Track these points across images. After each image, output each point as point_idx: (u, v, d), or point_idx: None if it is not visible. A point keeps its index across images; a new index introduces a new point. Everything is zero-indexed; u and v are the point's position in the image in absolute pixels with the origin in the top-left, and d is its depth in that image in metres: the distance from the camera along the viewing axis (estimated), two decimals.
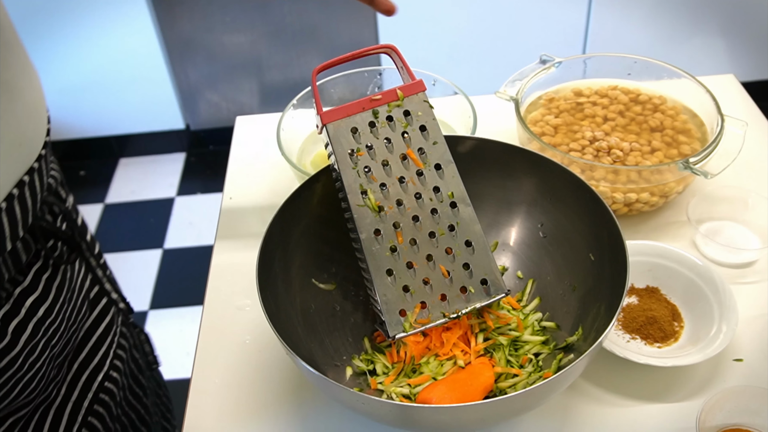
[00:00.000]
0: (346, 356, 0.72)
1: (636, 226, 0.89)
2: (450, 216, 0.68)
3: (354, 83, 1.01)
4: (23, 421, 0.67)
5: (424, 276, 0.68)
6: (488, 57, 2.32)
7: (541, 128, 0.94)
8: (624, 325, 0.77)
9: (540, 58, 1.00)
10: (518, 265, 0.78)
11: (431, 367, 0.68)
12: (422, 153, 0.69)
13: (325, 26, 2.31)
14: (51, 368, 0.68)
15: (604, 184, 0.85)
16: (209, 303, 0.84)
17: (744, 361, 0.73)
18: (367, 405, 0.58)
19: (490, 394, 0.66)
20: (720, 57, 2.35)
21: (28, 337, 0.61)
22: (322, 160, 0.94)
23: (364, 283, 0.71)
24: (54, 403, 0.71)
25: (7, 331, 0.59)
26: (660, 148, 0.90)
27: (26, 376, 0.63)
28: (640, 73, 1.00)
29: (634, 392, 0.71)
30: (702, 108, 0.94)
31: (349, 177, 0.67)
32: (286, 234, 0.70)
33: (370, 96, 0.68)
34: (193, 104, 2.50)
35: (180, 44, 2.32)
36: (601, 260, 0.69)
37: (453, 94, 0.96)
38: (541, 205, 0.76)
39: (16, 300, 0.60)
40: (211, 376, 0.76)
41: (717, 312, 0.74)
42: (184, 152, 2.63)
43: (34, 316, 0.62)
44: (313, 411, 0.72)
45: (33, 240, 0.61)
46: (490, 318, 0.71)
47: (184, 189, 2.49)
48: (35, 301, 0.62)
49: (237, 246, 0.91)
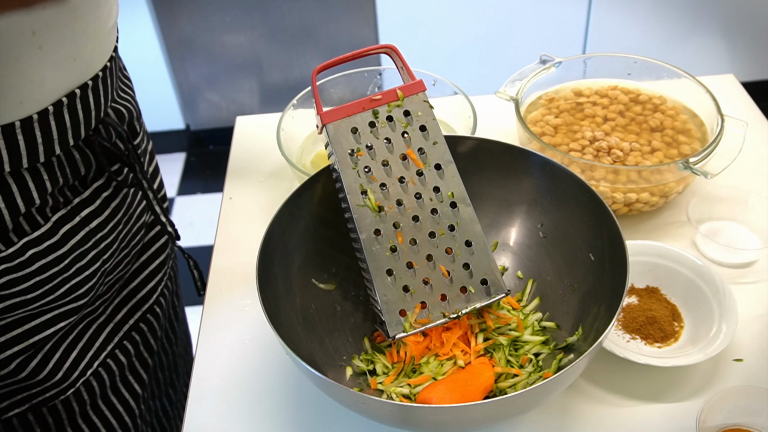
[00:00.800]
0: (346, 356, 0.72)
1: (636, 226, 0.89)
2: (450, 216, 0.68)
3: (354, 83, 1.01)
4: (69, 327, 0.72)
5: (424, 276, 0.68)
6: (488, 57, 2.32)
7: (541, 128, 0.94)
8: (624, 325, 0.77)
9: (540, 58, 1.00)
10: (518, 265, 0.78)
11: (431, 367, 0.68)
12: (422, 153, 0.69)
13: (325, 26, 2.31)
14: (101, 284, 0.72)
15: (604, 184, 0.85)
16: (209, 303, 0.84)
17: (744, 361, 0.73)
18: (367, 405, 0.58)
19: (490, 394, 0.66)
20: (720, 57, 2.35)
21: (78, 242, 0.67)
22: (322, 160, 0.94)
23: (364, 283, 0.71)
24: (98, 319, 0.76)
25: (58, 232, 0.65)
26: (660, 148, 0.90)
27: (73, 279, 0.68)
28: (640, 73, 1.00)
29: (634, 392, 0.71)
30: (702, 108, 0.94)
31: (349, 177, 0.67)
32: (286, 234, 0.70)
33: (370, 96, 0.68)
34: (193, 104, 2.50)
35: (180, 44, 2.32)
36: (601, 260, 0.69)
37: (453, 94, 0.96)
38: (541, 205, 0.76)
39: (73, 207, 0.67)
40: (211, 376, 0.76)
41: (717, 312, 0.74)
42: (184, 152, 2.63)
43: (87, 226, 0.68)
44: (313, 411, 0.72)
45: (93, 156, 0.67)
46: (490, 318, 0.71)
47: (184, 189, 2.49)
48: (91, 213, 0.68)
49: (237, 246, 0.91)
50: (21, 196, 0.61)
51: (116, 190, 0.72)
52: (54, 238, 0.65)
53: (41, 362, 0.70)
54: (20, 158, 0.59)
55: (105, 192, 0.70)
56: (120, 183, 0.72)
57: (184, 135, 2.59)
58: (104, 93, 0.67)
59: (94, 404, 0.78)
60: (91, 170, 0.68)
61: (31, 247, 0.63)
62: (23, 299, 0.65)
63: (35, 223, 0.64)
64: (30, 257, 0.63)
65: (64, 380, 0.73)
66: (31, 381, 0.70)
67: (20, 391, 0.71)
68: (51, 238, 0.65)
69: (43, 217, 0.64)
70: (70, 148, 0.64)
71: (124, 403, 0.82)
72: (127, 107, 0.74)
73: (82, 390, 0.76)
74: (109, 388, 0.79)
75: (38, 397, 0.72)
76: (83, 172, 0.67)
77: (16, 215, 0.62)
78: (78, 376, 0.74)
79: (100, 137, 0.67)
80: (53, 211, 0.65)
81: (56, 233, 0.65)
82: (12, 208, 0.61)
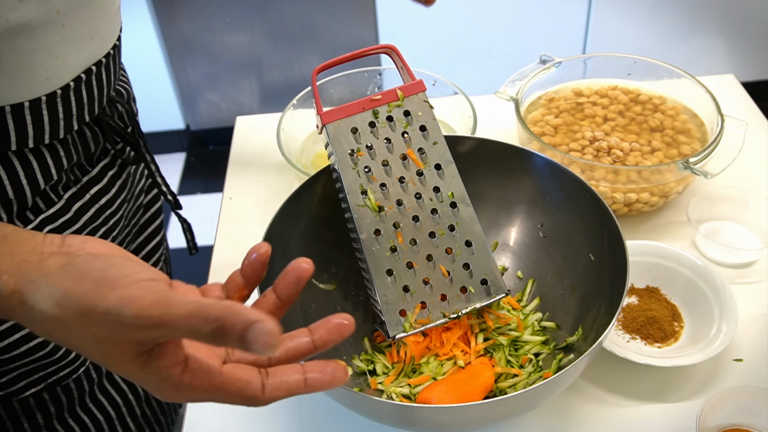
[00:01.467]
0: (346, 356, 0.72)
1: (636, 226, 0.89)
2: (450, 216, 0.68)
3: (354, 83, 1.01)
4: None
5: (424, 276, 0.68)
6: (488, 57, 2.32)
7: (541, 128, 0.94)
8: (624, 325, 0.77)
9: (540, 58, 1.00)
10: (518, 265, 0.78)
11: (431, 367, 0.68)
12: (422, 153, 0.69)
13: (325, 26, 2.31)
14: None
15: (604, 184, 0.85)
16: None
17: (744, 361, 0.73)
18: (367, 405, 0.58)
19: (490, 394, 0.66)
20: (720, 57, 2.35)
21: (89, 219, 0.71)
22: (322, 160, 0.94)
23: (364, 283, 0.71)
24: None
25: (70, 209, 0.69)
26: (660, 148, 0.90)
27: None
28: (640, 73, 1.00)
29: (634, 392, 0.71)
30: (702, 108, 0.94)
31: (349, 177, 0.67)
32: (286, 234, 0.70)
33: (370, 96, 0.68)
34: (193, 104, 2.50)
35: (180, 44, 2.32)
36: (601, 260, 0.69)
37: (453, 94, 0.96)
38: (541, 205, 0.76)
39: (83, 185, 0.71)
40: None
41: (717, 312, 0.74)
42: (184, 152, 2.63)
43: (97, 203, 0.72)
44: (313, 411, 0.72)
45: (101, 133, 0.72)
46: (490, 318, 0.71)
47: (184, 189, 2.49)
48: (99, 191, 0.73)
49: (237, 246, 0.91)
50: (41, 172, 0.64)
51: (121, 168, 0.76)
52: (68, 214, 0.68)
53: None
54: (43, 134, 0.63)
55: (111, 170, 0.74)
56: (124, 160, 0.76)
57: (184, 135, 2.59)
58: (114, 71, 0.71)
59: (100, 384, 0.81)
60: (98, 149, 0.72)
61: (47, 224, 0.66)
62: None
63: (49, 200, 0.67)
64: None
65: (78, 357, 0.75)
66: (50, 359, 0.72)
67: (37, 371, 0.73)
68: (65, 215, 0.68)
69: (56, 195, 0.68)
70: (82, 125, 0.68)
71: (129, 382, 0.84)
72: (125, 87, 0.79)
73: (90, 368, 0.78)
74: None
75: (53, 376, 0.74)
76: (92, 150, 0.71)
77: (36, 191, 0.65)
78: None
79: (107, 115, 0.72)
80: (65, 189, 0.69)
81: (69, 210, 0.69)
82: (33, 184, 0.64)
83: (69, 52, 0.62)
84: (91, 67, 0.66)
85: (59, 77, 0.62)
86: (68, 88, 0.64)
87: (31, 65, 0.59)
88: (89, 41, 0.65)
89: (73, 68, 0.64)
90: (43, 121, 0.62)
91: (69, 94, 0.64)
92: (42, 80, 0.61)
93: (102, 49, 0.67)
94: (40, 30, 0.58)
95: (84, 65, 0.65)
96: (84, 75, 0.65)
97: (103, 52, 0.68)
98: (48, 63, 0.60)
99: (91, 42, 0.65)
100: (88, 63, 0.66)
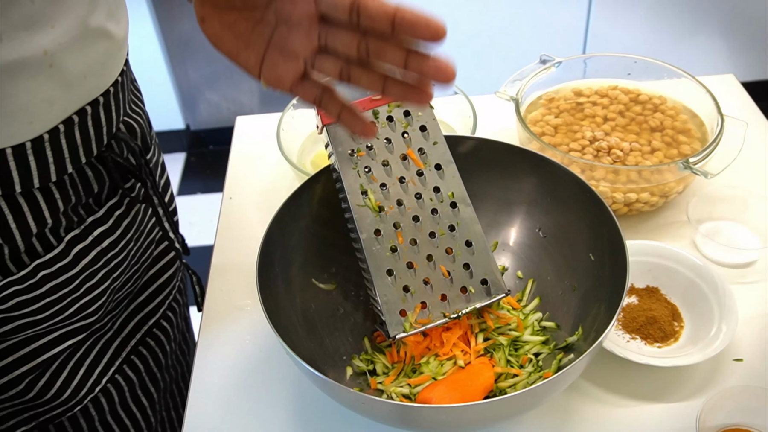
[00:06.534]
0: (346, 356, 0.72)
1: (636, 226, 0.89)
2: (450, 216, 0.68)
3: None
4: (76, 344, 0.71)
5: (424, 276, 0.68)
6: (488, 57, 2.32)
7: (541, 128, 0.94)
8: (624, 325, 0.77)
9: (540, 58, 1.00)
10: (518, 265, 0.78)
11: (431, 367, 0.68)
12: (422, 153, 0.69)
13: None
14: (110, 301, 0.71)
15: (604, 184, 0.85)
16: (209, 303, 0.84)
17: (744, 361, 0.73)
18: (367, 405, 0.58)
19: (490, 394, 0.66)
20: (720, 57, 2.35)
21: (89, 263, 0.66)
22: (322, 160, 0.94)
23: (364, 283, 0.71)
24: (106, 335, 0.74)
25: (70, 253, 0.64)
26: (660, 148, 0.90)
27: (83, 299, 0.67)
28: (640, 73, 1.00)
29: (634, 392, 0.71)
30: (702, 108, 0.94)
31: (350, 177, 0.67)
32: (286, 234, 0.70)
33: (370, 96, 0.68)
34: (193, 104, 2.50)
35: (180, 44, 2.32)
36: (601, 260, 0.69)
37: (453, 94, 0.96)
38: (541, 205, 0.76)
39: (86, 227, 0.65)
40: (211, 376, 0.76)
41: (717, 312, 0.74)
42: (184, 152, 2.63)
43: (99, 245, 0.67)
44: (313, 411, 0.72)
45: (106, 172, 0.66)
46: (490, 318, 0.71)
47: (184, 189, 2.49)
48: (103, 232, 0.67)
49: (237, 246, 0.91)
50: (32, 216, 0.60)
51: (128, 207, 0.70)
52: (66, 259, 0.64)
53: (49, 381, 0.69)
54: (31, 178, 0.58)
55: (118, 210, 0.68)
56: (132, 199, 0.70)
57: (184, 135, 2.59)
58: (116, 108, 0.65)
59: (102, 420, 0.77)
60: (105, 188, 0.67)
61: (42, 269, 0.62)
62: (32, 320, 0.64)
63: (48, 244, 0.62)
64: (40, 279, 0.62)
65: (71, 398, 0.72)
66: (39, 400, 0.70)
67: (27, 410, 0.70)
68: (63, 260, 0.63)
69: (57, 238, 0.63)
70: (82, 165, 0.63)
71: (132, 418, 0.81)
72: (138, 121, 0.72)
73: (89, 407, 0.75)
74: (119, 403, 0.78)
75: (45, 415, 0.72)
76: (96, 190, 0.65)
77: (28, 236, 0.60)
78: (86, 393, 0.73)
79: (112, 153, 0.65)
80: (66, 231, 0.64)
81: (68, 254, 0.64)
82: (23, 229, 0.59)
83: (56, 94, 0.56)
84: (85, 108, 0.60)
85: (44, 121, 0.56)
86: (57, 131, 0.58)
87: (9, 109, 0.53)
88: (82, 81, 0.59)
89: (61, 111, 0.58)
90: (29, 167, 0.57)
91: (59, 138, 0.58)
92: (24, 124, 0.55)
93: (99, 87, 0.61)
94: (22, 72, 0.53)
95: (75, 107, 0.59)
96: (77, 116, 0.59)
97: (101, 90, 0.62)
98: (32, 106, 0.55)
99: (84, 81, 0.59)
100: (81, 104, 0.60)
